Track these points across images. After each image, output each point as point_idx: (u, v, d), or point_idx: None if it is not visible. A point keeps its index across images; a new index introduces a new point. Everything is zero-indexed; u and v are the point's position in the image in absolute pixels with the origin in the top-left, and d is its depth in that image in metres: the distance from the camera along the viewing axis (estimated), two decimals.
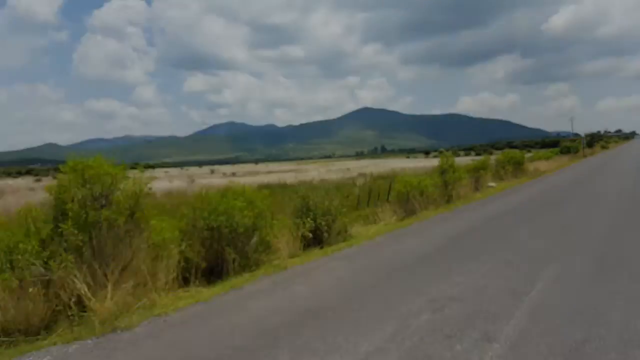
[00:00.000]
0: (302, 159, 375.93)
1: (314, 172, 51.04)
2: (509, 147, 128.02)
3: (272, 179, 36.95)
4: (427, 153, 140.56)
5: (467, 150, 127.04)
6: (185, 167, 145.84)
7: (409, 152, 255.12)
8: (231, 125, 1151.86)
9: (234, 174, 58.07)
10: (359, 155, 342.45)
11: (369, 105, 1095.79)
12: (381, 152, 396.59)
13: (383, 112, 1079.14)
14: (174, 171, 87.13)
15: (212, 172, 71.24)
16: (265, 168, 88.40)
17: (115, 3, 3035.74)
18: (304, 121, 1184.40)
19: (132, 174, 5.51)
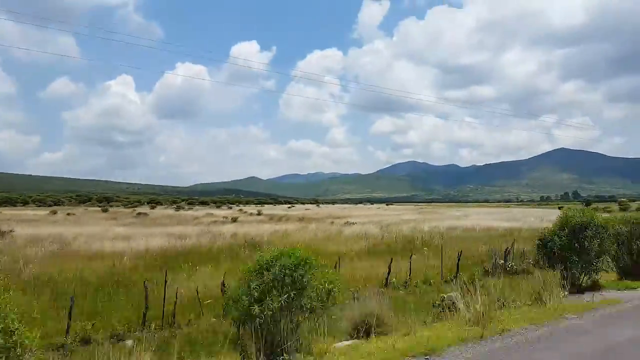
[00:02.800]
0: (480, 201, 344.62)
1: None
2: None
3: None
4: (587, 204, 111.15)
5: None
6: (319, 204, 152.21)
7: (607, 199, 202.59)
8: (413, 164, 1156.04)
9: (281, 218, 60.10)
10: (542, 202, 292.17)
11: (566, 146, 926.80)
12: (573, 198, 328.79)
13: (583, 153, 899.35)
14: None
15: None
16: (337, 211, 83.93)
17: (316, 54, 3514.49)
18: (489, 162, 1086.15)
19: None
